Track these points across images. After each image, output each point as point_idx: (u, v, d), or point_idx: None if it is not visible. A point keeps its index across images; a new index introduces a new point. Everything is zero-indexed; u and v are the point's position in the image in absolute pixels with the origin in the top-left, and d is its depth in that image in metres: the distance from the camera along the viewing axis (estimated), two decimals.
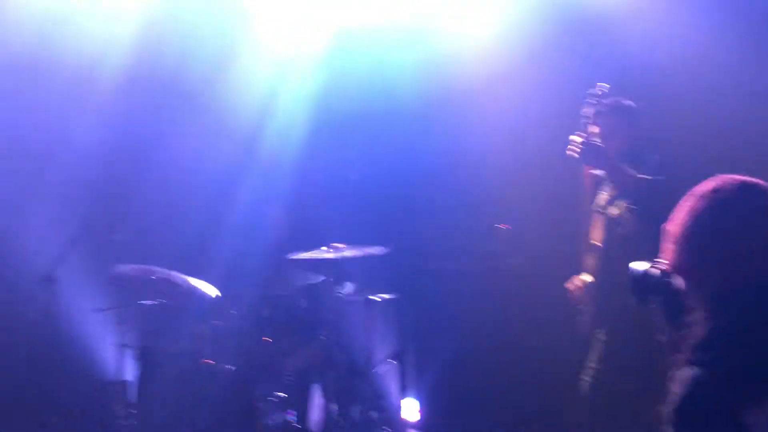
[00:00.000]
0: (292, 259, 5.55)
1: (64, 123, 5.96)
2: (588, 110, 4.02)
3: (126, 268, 5.36)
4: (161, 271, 5.33)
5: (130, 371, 5.54)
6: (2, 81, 5.77)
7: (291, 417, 5.27)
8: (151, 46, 5.96)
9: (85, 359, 5.92)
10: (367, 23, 6.28)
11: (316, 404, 5.57)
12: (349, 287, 5.72)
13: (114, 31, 5.87)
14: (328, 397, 5.39)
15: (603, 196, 4.10)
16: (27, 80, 5.81)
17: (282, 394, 5.25)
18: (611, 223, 4.04)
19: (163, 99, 6.12)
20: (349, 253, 5.48)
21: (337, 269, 5.53)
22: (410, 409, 5.91)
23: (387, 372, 5.92)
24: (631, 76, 4.89)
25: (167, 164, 6.08)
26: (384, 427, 5.56)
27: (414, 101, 6.04)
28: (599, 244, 4.08)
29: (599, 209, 4.10)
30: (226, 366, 5.21)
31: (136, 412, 5.25)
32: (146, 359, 5.34)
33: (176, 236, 6.03)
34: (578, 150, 3.87)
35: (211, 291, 5.45)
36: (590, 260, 4.13)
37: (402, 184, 6.21)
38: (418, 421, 5.92)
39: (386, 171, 6.18)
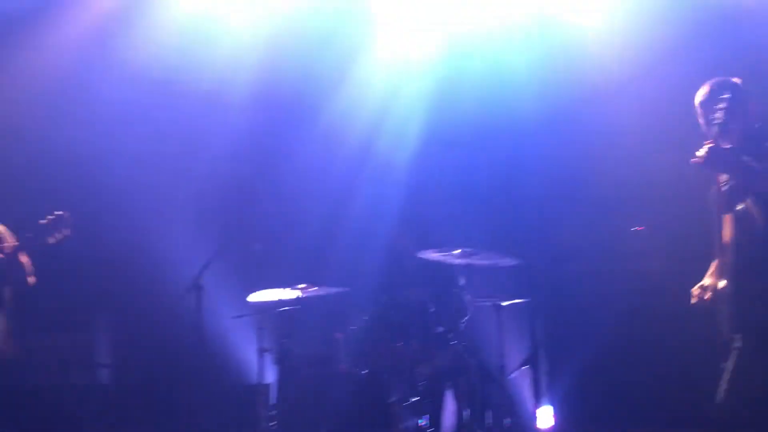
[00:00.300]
0: (422, 264, 5.63)
1: (203, 137, 6.34)
2: (718, 115, 3.85)
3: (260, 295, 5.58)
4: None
5: (270, 374, 5.80)
6: (144, 99, 6.19)
7: (424, 421, 5.33)
8: (276, 58, 6.19)
9: (229, 363, 6.25)
10: (484, 24, 6.21)
11: (449, 409, 5.60)
12: (479, 292, 5.71)
13: (242, 41, 6.17)
14: (460, 402, 5.41)
15: (731, 195, 3.91)
16: (166, 97, 6.21)
17: (415, 399, 5.32)
18: (741, 223, 3.84)
19: (287, 106, 6.36)
20: (479, 259, 5.48)
21: (467, 273, 5.53)
22: (544, 416, 5.83)
23: (520, 378, 5.87)
24: (761, 67, 4.63)
25: (294, 172, 6.32)
26: None
27: (536, 102, 5.94)
28: (730, 245, 3.90)
29: (728, 210, 3.91)
30: (359, 370, 5.33)
31: (276, 413, 5.48)
32: (284, 363, 5.56)
33: (307, 243, 6.25)
34: (704, 155, 3.72)
35: (343, 296, 5.60)
36: (722, 262, 3.95)
37: (527, 186, 6.14)
38: (552, 427, 5.83)
39: (511, 173, 6.13)
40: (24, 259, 4.35)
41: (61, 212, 4.30)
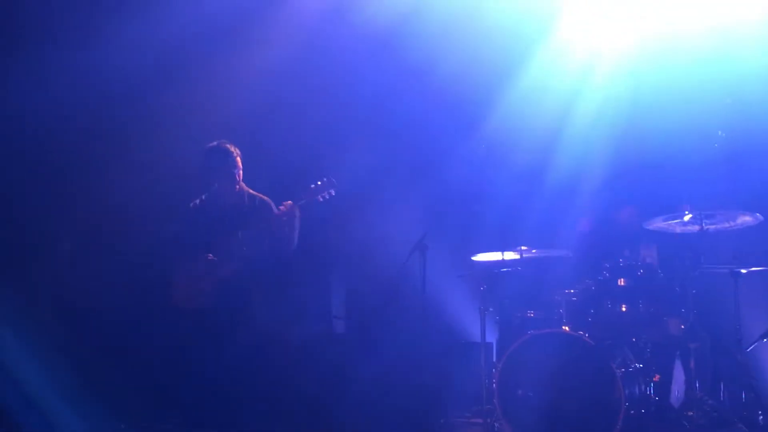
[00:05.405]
0: (648, 229, 5.40)
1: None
2: None
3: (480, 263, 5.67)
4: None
5: (491, 333, 5.87)
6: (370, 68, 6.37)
7: (650, 389, 5.14)
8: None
9: (449, 321, 6.41)
10: (685, 28, 5.56)
11: (678, 379, 5.35)
12: (716, 257, 5.35)
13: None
14: (690, 373, 5.14)
15: None
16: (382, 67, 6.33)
17: (640, 365, 5.14)
18: None
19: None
20: (714, 222, 5.14)
21: (699, 236, 5.20)
22: None
23: (761, 351, 5.44)
24: None
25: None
26: (756, 411, 5.12)
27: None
28: None
29: None
30: (581, 333, 5.23)
31: (497, 371, 5.54)
32: (505, 324, 5.61)
33: (533, 209, 6.20)
34: None
35: (566, 260, 5.53)
36: None
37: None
38: None
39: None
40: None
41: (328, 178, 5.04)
